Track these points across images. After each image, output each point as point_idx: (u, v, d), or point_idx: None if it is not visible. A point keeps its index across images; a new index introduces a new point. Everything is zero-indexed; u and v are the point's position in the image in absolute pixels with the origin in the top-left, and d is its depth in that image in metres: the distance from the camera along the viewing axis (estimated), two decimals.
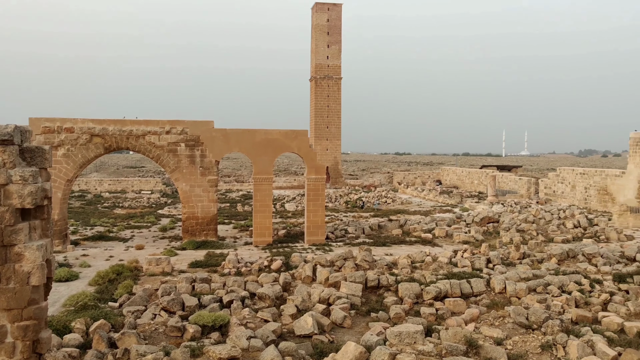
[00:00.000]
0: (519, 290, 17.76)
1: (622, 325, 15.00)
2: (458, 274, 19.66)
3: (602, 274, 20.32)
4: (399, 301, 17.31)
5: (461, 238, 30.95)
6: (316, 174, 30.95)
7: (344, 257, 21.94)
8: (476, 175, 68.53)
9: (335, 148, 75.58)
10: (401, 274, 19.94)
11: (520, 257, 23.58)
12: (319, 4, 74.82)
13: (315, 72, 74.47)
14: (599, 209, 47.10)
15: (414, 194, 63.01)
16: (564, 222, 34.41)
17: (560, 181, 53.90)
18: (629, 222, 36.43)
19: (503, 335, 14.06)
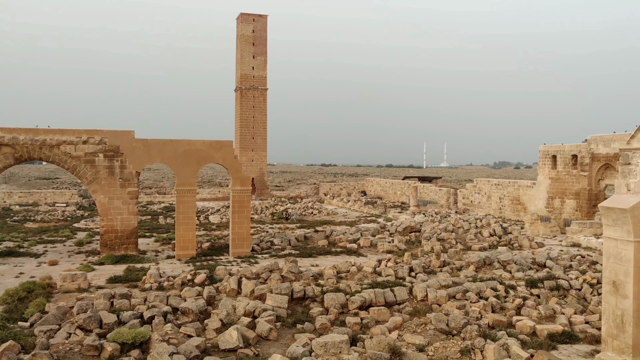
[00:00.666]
0: (439, 297, 18.32)
1: (534, 328, 15.82)
2: (382, 283, 20.03)
3: (516, 279, 21.34)
4: (324, 312, 17.39)
5: (385, 247, 31.59)
6: (241, 186, 30.66)
7: (270, 269, 21.81)
8: (399, 186, 70.36)
9: (261, 159, 75.29)
10: (327, 285, 20.06)
11: (441, 265, 24.37)
12: (244, 14, 74.66)
13: (241, 83, 74.06)
14: (512, 218, 49.61)
15: (340, 204, 63.79)
16: (480, 231, 35.92)
17: (477, 192, 56.35)
18: (539, 230, 38.57)
19: (425, 341, 14.45)
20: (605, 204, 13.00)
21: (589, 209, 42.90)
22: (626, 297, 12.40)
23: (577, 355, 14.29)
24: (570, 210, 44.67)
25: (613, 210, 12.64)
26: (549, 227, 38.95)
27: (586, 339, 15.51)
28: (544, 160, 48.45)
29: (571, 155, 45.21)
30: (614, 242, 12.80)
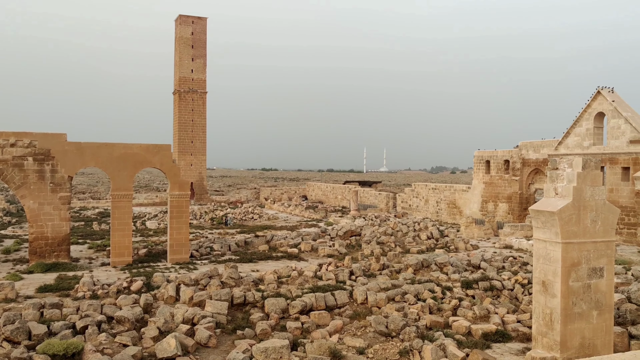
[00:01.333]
0: (379, 300, 18.58)
1: (469, 328, 16.30)
2: (323, 287, 20.11)
3: (452, 281, 21.93)
4: (265, 317, 17.28)
5: (326, 252, 31.75)
6: (180, 190, 30.05)
7: (209, 275, 21.46)
8: (340, 191, 70.96)
9: (200, 163, 74.11)
10: (268, 290, 19.95)
11: (381, 268, 24.72)
12: (183, 16, 73.41)
13: (179, 86, 72.72)
14: (449, 221, 51.02)
15: (281, 209, 63.63)
16: (419, 234, 36.71)
17: (415, 196, 57.61)
18: (474, 233, 39.84)
19: (365, 344, 14.60)
20: (535, 207, 13.57)
21: (521, 212, 44.70)
22: (554, 296, 12.97)
23: (509, 353, 14.83)
24: (503, 213, 46.40)
25: (542, 213, 13.22)
26: (483, 230, 40.29)
27: (518, 337, 16.12)
28: (478, 165, 50.15)
29: (503, 161, 46.99)
30: (543, 243, 13.38)
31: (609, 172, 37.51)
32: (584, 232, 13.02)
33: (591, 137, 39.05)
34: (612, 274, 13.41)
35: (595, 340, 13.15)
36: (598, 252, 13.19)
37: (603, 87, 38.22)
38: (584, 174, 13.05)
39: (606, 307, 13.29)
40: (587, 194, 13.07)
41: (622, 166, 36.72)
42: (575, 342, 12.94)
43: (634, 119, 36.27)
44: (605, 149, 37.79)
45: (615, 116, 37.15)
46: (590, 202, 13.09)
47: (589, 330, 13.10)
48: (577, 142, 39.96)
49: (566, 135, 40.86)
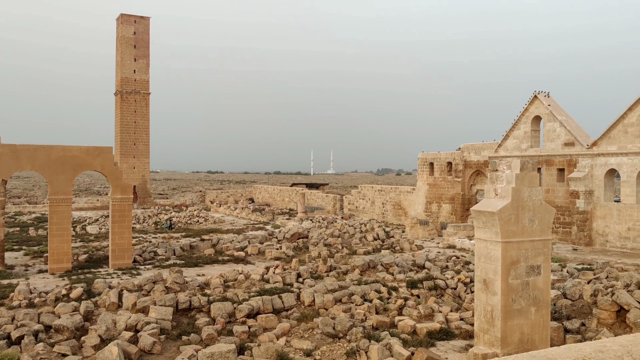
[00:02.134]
0: (326, 301, 18.66)
1: (414, 327, 16.60)
2: (270, 290, 20.02)
3: (398, 281, 22.29)
4: (211, 322, 17.04)
5: (273, 254, 31.62)
6: (122, 194, 29.24)
7: (153, 281, 20.97)
8: (287, 193, 70.87)
9: (143, 166, 72.36)
10: (214, 294, 19.68)
11: (328, 270, 24.85)
12: (124, 15, 71.55)
13: (121, 86, 70.81)
14: (394, 222, 51.83)
15: (227, 212, 62.95)
16: (365, 235, 37.11)
17: (361, 197, 58.23)
18: (419, 234, 40.64)
19: (312, 346, 14.62)
20: (476, 207, 13.97)
21: (463, 213, 45.92)
22: (495, 293, 13.38)
23: (453, 350, 15.19)
24: (446, 214, 47.54)
25: (483, 213, 13.62)
26: (427, 230, 41.15)
27: (461, 334, 16.55)
28: (422, 167, 51.21)
29: (446, 163, 48.17)
30: (484, 243, 13.78)
31: (545, 173, 39.08)
32: (522, 232, 13.50)
33: (529, 140, 40.58)
34: (548, 272, 13.95)
35: (534, 335, 13.65)
36: (536, 251, 13.70)
37: (540, 92, 39.80)
38: (521, 175, 13.53)
39: (543, 303, 13.82)
40: (525, 194, 13.56)
41: (557, 167, 38.33)
42: (515, 338, 13.38)
43: (568, 123, 37.95)
44: (542, 151, 39.36)
45: (551, 120, 38.76)
46: (528, 203, 13.58)
47: (527, 326, 13.57)
48: (516, 144, 41.44)
49: (505, 137, 42.31)
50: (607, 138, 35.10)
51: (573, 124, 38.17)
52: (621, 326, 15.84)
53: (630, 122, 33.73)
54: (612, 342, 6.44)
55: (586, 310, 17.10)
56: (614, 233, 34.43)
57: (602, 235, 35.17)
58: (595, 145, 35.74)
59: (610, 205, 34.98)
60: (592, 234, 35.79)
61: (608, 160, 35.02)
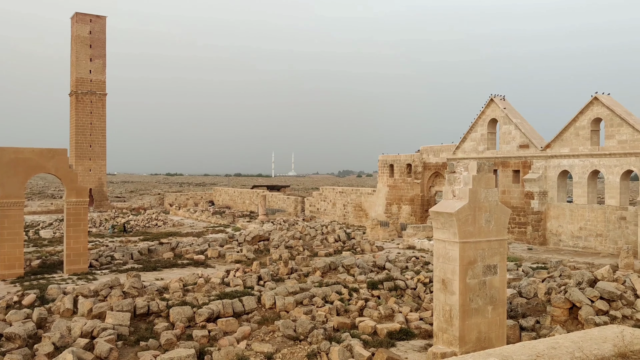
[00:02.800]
0: (287, 304, 18.61)
1: (375, 327, 16.73)
2: (230, 294, 19.83)
3: (359, 282, 22.41)
4: (170, 327, 16.76)
5: (234, 257, 31.36)
6: (77, 197, 28.48)
7: (110, 286, 20.49)
8: (248, 195, 70.44)
9: (99, 168, 70.73)
10: (173, 298, 19.36)
11: (289, 272, 24.79)
12: (79, 14, 69.82)
13: (77, 87, 69.05)
14: (355, 224, 52.16)
15: (187, 215, 62.11)
16: (326, 237, 37.21)
17: (323, 199, 58.38)
18: (379, 235, 41.00)
19: (273, 349, 14.56)
20: (435, 209, 14.19)
21: (422, 214, 46.59)
22: (453, 293, 13.62)
23: (412, 350, 15.37)
24: (406, 215, 48.14)
25: (441, 214, 13.85)
26: (387, 232, 41.56)
27: (421, 334, 16.76)
28: (382, 169, 51.72)
29: (406, 164, 48.79)
30: (442, 243, 14.01)
31: (501, 174, 40.04)
32: (479, 232, 13.79)
33: (485, 142, 41.50)
34: (504, 271, 14.30)
35: (491, 333, 13.95)
36: (492, 251, 14.02)
37: (495, 95, 40.76)
38: (478, 177, 13.82)
39: (500, 302, 14.14)
40: (482, 195, 13.85)
41: (513, 169, 39.32)
42: (473, 337, 13.65)
43: (523, 126, 38.98)
44: (498, 153, 40.31)
45: (507, 122, 39.74)
46: (484, 204, 13.88)
47: (484, 325, 13.87)
48: (473, 146, 42.31)
49: (463, 140, 43.15)
50: (560, 140, 36.21)
51: (527, 127, 39.23)
52: (573, 323, 16.35)
53: (581, 125, 34.90)
54: (564, 338, 6.65)
55: (541, 308, 17.58)
56: (567, 232, 35.53)
57: (556, 234, 36.25)
58: (548, 148, 36.83)
59: (563, 206, 36.09)
60: (546, 234, 36.83)
61: (561, 162, 36.13)
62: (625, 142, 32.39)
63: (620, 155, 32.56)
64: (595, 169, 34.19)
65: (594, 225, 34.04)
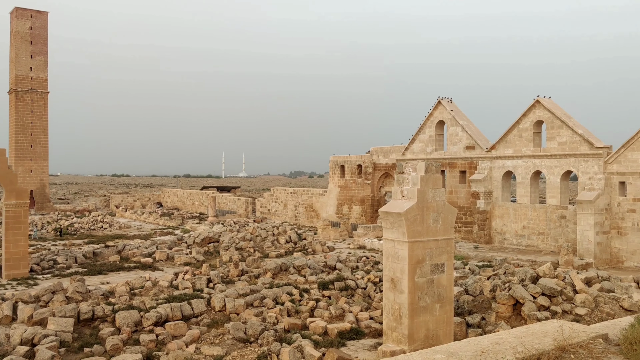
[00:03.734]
0: (237, 306, 18.43)
1: (325, 328, 16.78)
2: (179, 297, 19.46)
3: (310, 283, 22.44)
4: (116, 331, 16.30)
5: (183, 260, 30.83)
6: (17, 199, 27.33)
7: (53, 291, 19.77)
8: (197, 197, 69.40)
9: (41, 169, 68.13)
10: (119, 303, 18.85)
11: (239, 274, 24.57)
12: (19, 9, 67.08)
13: (16, 85, 66.29)
14: (307, 225, 52.22)
15: (134, 217, 60.64)
16: (277, 238, 37.09)
17: (274, 200, 58.17)
18: (330, 235, 41.19)
19: (223, 352, 14.38)
20: (384, 209, 14.36)
21: (373, 214, 47.11)
22: (402, 292, 13.81)
23: (363, 349, 15.51)
24: (357, 216, 48.55)
25: (390, 214, 14.02)
26: (338, 232, 41.80)
27: (370, 333, 16.93)
28: (333, 169, 51.99)
29: (357, 165, 49.22)
30: (392, 243, 14.19)
31: (448, 175, 40.95)
32: (427, 231, 14.04)
33: (433, 143, 42.36)
34: (451, 269, 14.61)
35: (438, 331, 14.23)
36: (439, 249, 14.30)
37: (443, 98, 41.66)
38: (426, 177, 14.07)
39: (447, 299, 14.44)
40: (430, 195, 14.11)
41: (459, 170, 40.29)
42: (421, 334, 13.88)
43: (469, 127, 40.01)
44: (446, 154, 41.22)
45: (454, 124, 40.69)
46: (432, 203, 14.15)
47: (432, 322, 14.13)
48: (422, 147, 43.12)
49: (412, 141, 43.89)
50: (504, 142, 37.35)
51: (474, 129, 40.28)
52: (517, 319, 16.88)
53: (524, 127, 36.11)
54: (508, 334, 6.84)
55: (486, 305, 18.06)
56: (511, 231, 36.69)
57: (500, 233, 37.37)
58: (493, 149, 37.92)
59: (508, 205, 37.25)
60: (491, 233, 37.92)
61: (505, 162, 37.28)
62: (565, 143, 33.73)
63: (560, 157, 33.88)
64: (538, 169, 35.45)
65: (536, 224, 35.27)
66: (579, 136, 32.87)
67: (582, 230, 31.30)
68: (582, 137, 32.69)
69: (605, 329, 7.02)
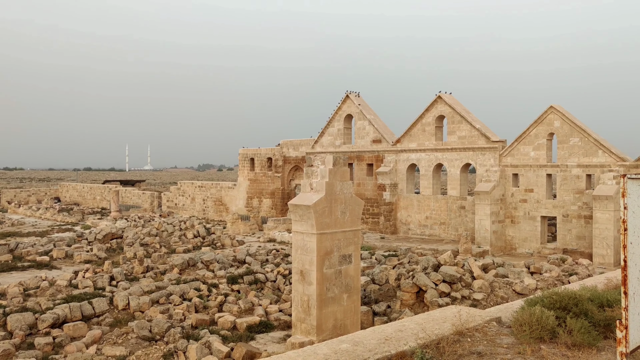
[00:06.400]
0: (142, 304, 17.81)
1: (234, 322, 16.62)
2: (79, 296, 18.51)
3: (218, 278, 22.11)
4: (8, 336, 15.24)
5: (83, 257, 29.32)
6: None
7: None
8: (99, 191, 66.23)
9: None
10: (11, 305, 17.62)
11: (145, 271, 23.74)
12: None
13: None
14: (216, 219, 51.39)
15: (28, 213, 56.83)
16: (185, 233, 36.22)
17: (181, 194, 56.70)
18: (240, 229, 40.81)
19: (126, 351, 13.85)
20: (293, 201, 14.42)
21: (283, 207, 47.18)
22: (311, 283, 13.95)
23: (272, 341, 15.52)
24: (267, 209, 48.43)
25: (299, 207, 14.10)
26: (248, 226, 41.51)
27: (280, 325, 16.98)
28: (243, 162, 51.48)
29: (267, 158, 49.05)
30: (301, 235, 14.28)
31: (356, 168, 41.83)
32: (335, 223, 14.26)
33: (342, 137, 43.07)
34: (359, 260, 14.95)
35: (346, 320, 14.53)
36: (347, 241, 14.58)
37: (351, 92, 42.43)
38: (334, 170, 14.27)
39: (354, 289, 14.77)
40: (338, 188, 14.33)
41: (367, 163, 41.28)
42: (329, 325, 14.10)
43: (376, 121, 41.05)
44: (354, 147, 42.06)
45: (361, 118, 41.58)
46: (340, 196, 14.38)
47: (340, 312, 14.40)
48: (331, 141, 43.71)
49: (321, 134, 44.37)
50: (408, 136, 38.69)
51: (380, 123, 41.39)
52: (420, 305, 17.60)
53: (427, 121, 37.59)
54: (410, 321, 7.09)
55: (392, 293, 18.68)
56: (415, 222, 38.14)
57: (405, 224, 38.75)
58: (399, 142, 39.18)
59: (412, 197, 38.67)
60: (397, 223, 39.22)
61: (409, 156, 38.65)
62: (464, 137, 35.50)
63: (460, 150, 35.62)
64: (439, 162, 37.07)
65: (438, 214, 36.91)
66: (477, 130, 34.70)
67: (479, 220, 33.14)
68: (480, 132, 34.55)
69: (499, 313, 7.46)
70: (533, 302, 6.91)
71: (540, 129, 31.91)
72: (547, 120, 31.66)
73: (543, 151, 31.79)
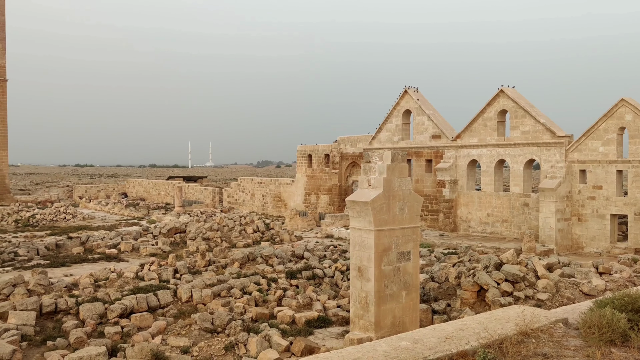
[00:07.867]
0: (204, 296, 18.30)
1: (293, 316, 16.82)
2: (145, 288, 19.21)
3: (277, 272, 22.43)
4: (80, 324, 16.01)
5: (148, 251, 30.43)
6: None
7: (13, 284, 19.25)
8: (163, 187, 68.47)
9: (0, 159, 66.11)
10: (83, 295, 18.50)
11: (206, 265, 24.38)
12: None
13: None
14: (274, 214, 52.11)
15: (98, 208, 59.49)
16: (245, 228, 36.91)
17: (241, 190, 57.83)
18: (298, 224, 41.21)
19: (190, 342, 14.28)
20: (351, 198, 14.42)
21: (340, 203, 47.28)
22: (369, 280, 13.93)
23: (330, 337, 15.61)
24: (324, 205, 48.67)
25: (357, 203, 14.09)
26: (306, 221, 41.85)
27: (338, 321, 17.04)
28: (301, 159, 51.93)
29: (324, 155, 49.26)
30: (358, 231, 14.28)
31: (415, 164, 41.35)
32: (393, 220, 14.16)
33: (400, 133, 42.67)
34: (417, 257, 14.79)
35: (405, 318, 14.41)
36: (406, 238, 14.45)
37: (409, 87, 41.94)
38: (392, 166, 14.17)
39: (413, 287, 14.63)
40: (396, 184, 14.22)
41: (426, 159, 40.72)
42: (388, 322, 14.04)
43: (435, 117, 40.42)
44: (412, 143, 41.58)
45: (420, 114, 41.04)
46: (398, 192, 14.26)
47: (399, 310, 14.30)
48: (388, 137, 43.39)
49: (379, 130, 44.12)
50: (469, 131, 37.88)
51: (440, 118, 40.71)
52: (481, 305, 17.22)
53: (489, 116, 36.66)
54: (472, 320, 6.96)
55: (451, 292, 18.38)
56: (476, 219, 37.33)
57: (465, 221, 37.99)
58: (459, 138, 38.43)
59: (472, 194, 37.86)
60: (456, 221, 38.51)
61: (470, 151, 37.83)
62: (528, 132, 34.40)
63: (523, 145, 34.55)
64: (501, 158, 36.09)
65: (500, 211, 35.97)
66: (542, 125, 33.56)
67: (544, 218, 32.06)
68: (545, 126, 33.39)
69: (566, 314, 7.21)
70: (603, 303, 6.64)
71: (610, 122, 30.50)
72: (618, 114, 30.22)
73: (613, 146, 30.39)
